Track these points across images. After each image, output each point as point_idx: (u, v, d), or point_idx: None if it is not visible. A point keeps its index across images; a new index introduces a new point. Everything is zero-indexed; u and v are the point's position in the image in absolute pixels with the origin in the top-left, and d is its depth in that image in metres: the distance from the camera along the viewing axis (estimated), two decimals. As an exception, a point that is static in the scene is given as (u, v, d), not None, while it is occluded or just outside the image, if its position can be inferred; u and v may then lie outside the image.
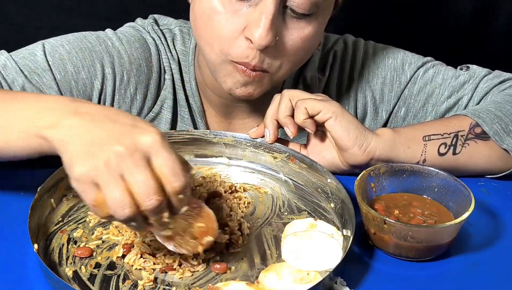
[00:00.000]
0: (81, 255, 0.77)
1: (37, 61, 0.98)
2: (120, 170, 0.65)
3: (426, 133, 0.93)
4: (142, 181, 0.65)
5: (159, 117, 1.08)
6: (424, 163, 0.91)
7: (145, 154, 0.66)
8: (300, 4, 0.89)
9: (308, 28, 0.92)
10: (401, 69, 1.12)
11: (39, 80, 0.97)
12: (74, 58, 1.00)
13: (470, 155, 0.94)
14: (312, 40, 0.95)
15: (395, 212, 0.82)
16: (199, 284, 0.74)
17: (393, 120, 1.15)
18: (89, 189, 0.66)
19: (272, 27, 0.88)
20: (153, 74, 1.06)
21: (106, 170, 0.65)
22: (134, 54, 1.04)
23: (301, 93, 0.93)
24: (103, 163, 0.65)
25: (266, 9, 0.87)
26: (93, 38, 1.03)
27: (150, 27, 1.08)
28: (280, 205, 0.89)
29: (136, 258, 0.76)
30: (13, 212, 0.83)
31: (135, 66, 1.04)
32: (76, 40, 1.02)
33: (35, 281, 0.73)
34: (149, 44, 1.07)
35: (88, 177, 0.65)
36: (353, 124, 0.90)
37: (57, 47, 1.00)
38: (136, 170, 0.65)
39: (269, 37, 0.88)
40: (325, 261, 0.75)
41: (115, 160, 0.65)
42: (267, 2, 0.87)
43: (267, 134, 0.94)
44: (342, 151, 0.92)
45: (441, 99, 1.10)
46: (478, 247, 0.83)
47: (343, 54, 1.14)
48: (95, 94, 1.02)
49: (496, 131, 0.94)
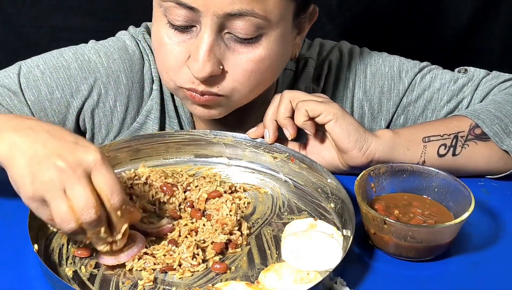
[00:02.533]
0: (80, 255, 0.76)
1: (9, 84, 0.98)
2: (63, 185, 0.68)
3: (426, 134, 0.93)
4: (81, 195, 0.68)
5: (144, 127, 1.07)
6: (423, 164, 0.91)
7: (86, 170, 0.69)
8: (241, 30, 0.87)
9: (258, 50, 0.90)
10: (398, 78, 1.11)
11: (9, 102, 0.98)
12: (48, 79, 1.00)
13: (470, 156, 0.94)
14: (270, 60, 0.92)
15: (395, 212, 0.82)
16: (199, 284, 0.74)
17: (392, 128, 1.13)
18: (41, 207, 0.70)
19: (210, 59, 0.87)
20: (134, 84, 1.05)
21: (50, 186, 0.68)
22: (112, 66, 1.03)
23: (301, 94, 0.93)
24: (47, 179, 0.68)
25: (202, 40, 0.87)
26: (70, 55, 1.02)
27: (141, 36, 1.07)
28: (280, 205, 0.89)
29: (135, 259, 0.76)
30: (13, 212, 0.83)
31: (112, 78, 1.03)
32: (52, 59, 1.01)
33: (35, 281, 0.73)
34: (131, 55, 1.05)
35: (37, 197, 0.69)
36: (353, 126, 0.90)
37: (32, 68, 1.00)
38: (76, 185, 0.68)
39: (208, 68, 0.88)
40: (325, 261, 0.75)
41: (58, 176, 0.68)
42: (204, 33, 0.87)
43: (266, 134, 0.94)
44: (342, 153, 0.92)
45: (440, 104, 1.10)
46: (478, 247, 0.83)
47: (338, 64, 1.12)
48: (71, 112, 1.02)
49: (496, 132, 0.94)
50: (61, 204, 0.68)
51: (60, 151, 0.69)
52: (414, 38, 1.86)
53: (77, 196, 0.68)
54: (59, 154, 0.69)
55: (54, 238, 0.79)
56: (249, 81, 0.92)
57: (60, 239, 0.79)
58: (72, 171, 0.68)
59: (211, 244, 0.78)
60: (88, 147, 0.71)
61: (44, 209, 0.70)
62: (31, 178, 0.69)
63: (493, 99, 1.03)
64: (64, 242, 0.79)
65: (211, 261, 0.77)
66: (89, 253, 0.77)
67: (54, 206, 0.69)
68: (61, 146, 0.70)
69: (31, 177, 0.69)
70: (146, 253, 0.77)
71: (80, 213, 0.68)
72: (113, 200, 0.70)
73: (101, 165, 0.70)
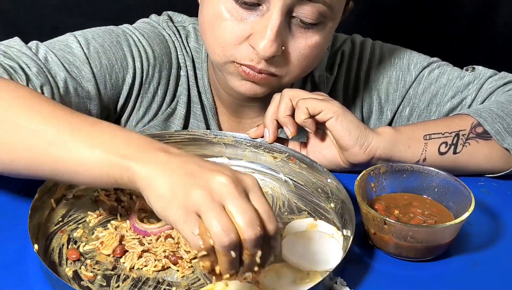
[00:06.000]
0: (70, 257, 0.76)
1: (74, 54, 0.97)
2: (223, 200, 0.62)
3: (427, 132, 0.93)
4: (245, 209, 0.62)
5: (175, 113, 1.10)
6: (424, 162, 0.91)
7: (245, 189, 0.64)
8: (308, 15, 0.90)
9: (315, 37, 0.93)
10: (406, 69, 1.13)
11: (78, 73, 0.97)
12: (108, 51, 1.00)
13: (471, 155, 0.94)
14: (321, 47, 0.96)
15: (395, 212, 0.82)
16: (199, 284, 0.74)
17: (398, 119, 1.15)
18: (192, 218, 0.62)
19: (277, 39, 0.89)
20: (172, 70, 1.08)
21: (210, 198, 0.62)
22: (157, 50, 1.05)
23: (301, 92, 0.93)
24: (207, 190, 0.62)
25: (272, 20, 0.88)
26: (120, 32, 1.04)
27: (165, 24, 1.09)
28: (280, 205, 0.89)
29: (135, 257, 0.76)
30: (13, 212, 0.83)
31: (158, 61, 1.05)
32: (105, 34, 1.02)
33: (35, 281, 0.73)
34: (167, 41, 1.08)
35: (192, 206, 0.62)
36: (354, 123, 0.90)
37: (89, 40, 1.00)
38: (240, 199, 0.62)
39: (274, 48, 0.89)
40: (325, 261, 0.75)
41: (219, 188, 0.62)
42: (273, 14, 0.88)
43: (266, 134, 0.94)
44: (343, 150, 0.92)
45: (444, 99, 1.10)
46: (478, 247, 0.83)
47: (350, 54, 1.15)
48: (125, 88, 1.03)
49: (497, 130, 0.94)
50: (222, 215, 0.61)
51: (219, 169, 0.65)
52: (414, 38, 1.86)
53: (241, 210, 0.62)
54: (219, 171, 0.64)
55: (54, 238, 0.79)
56: (302, 64, 0.95)
57: (60, 239, 0.79)
58: (233, 186, 0.63)
59: None
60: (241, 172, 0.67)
61: (194, 221, 0.62)
62: (188, 189, 0.62)
63: (495, 100, 1.03)
64: (64, 242, 0.79)
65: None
66: (77, 257, 0.76)
67: (212, 216, 0.61)
68: (213, 166, 0.66)
69: (187, 188, 0.62)
70: (145, 251, 0.77)
71: (245, 228, 0.61)
72: (269, 227, 0.64)
73: (259, 189, 0.65)
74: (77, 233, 0.80)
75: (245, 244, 0.62)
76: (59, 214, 0.83)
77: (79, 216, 0.84)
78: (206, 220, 0.61)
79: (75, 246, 0.78)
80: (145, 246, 0.78)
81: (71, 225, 0.82)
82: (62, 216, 0.83)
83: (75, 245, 0.78)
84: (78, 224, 0.82)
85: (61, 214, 0.83)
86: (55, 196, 0.84)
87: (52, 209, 0.83)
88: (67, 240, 0.79)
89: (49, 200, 0.83)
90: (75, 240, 0.79)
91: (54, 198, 0.84)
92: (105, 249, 0.77)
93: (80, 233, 0.80)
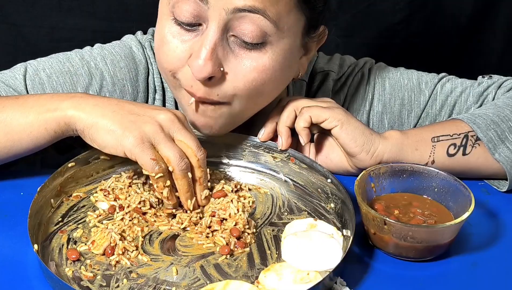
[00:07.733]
0: (71, 258, 0.76)
1: (15, 84, 0.96)
2: (171, 132, 0.81)
3: (434, 134, 0.92)
4: (192, 137, 0.83)
5: None
6: (433, 165, 0.90)
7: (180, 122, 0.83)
8: (248, 32, 0.83)
9: (262, 59, 0.85)
10: (418, 89, 1.10)
11: None
12: (54, 82, 0.98)
13: (480, 156, 0.93)
14: (272, 71, 0.87)
15: (395, 212, 0.82)
16: (199, 284, 0.74)
17: None
18: (146, 147, 0.79)
19: (211, 57, 0.83)
20: (139, 94, 1.04)
21: (161, 131, 0.80)
22: (118, 75, 1.02)
23: (306, 101, 0.93)
24: (156, 126, 0.80)
25: (207, 37, 0.83)
26: (76, 61, 1.01)
27: (148, 43, 1.06)
28: (280, 205, 0.89)
29: (125, 217, 0.80)
30: (13, 212, 0.83)
31: (118, 87, 1.02)
32: (58, 64, 1.00)
33: (35, 281, 0.73)
34: (137, 64, 1.04)
35: (146, 138, 0.79)
36: (359, 130, 0.90)
37: (38, 71, 0.98)
38: (184, 130, 0.82)
39: (208, 68, 0.83)
40: (325, 261, 0.75)
41: (165, 123, 0.81)
42: (210, 31, 0.83)
43: (279, 141, 0.93)
44: (350, 157, 0.92)
45: (465, 107, 1.07)
46: (478, 247, 0.83)
47: (357, 78, 1.11)
48: None
49: (490, 138, 0.92)
50: (173, 145, 0.80)
51: (155, 107, 0.84)
52: (414, 38, 1.86)
53: (189, 137, 0.82)
54: (157, 108, 0.83)
55: (54, 238, 0.79)
56: (249, 89, 0.87)
57: (60, 239, 0.79)
58: (176, 120, 0.82)
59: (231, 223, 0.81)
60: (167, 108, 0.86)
61: (150, 150, 0.79)
62: (138, 124, 0.79)
63: (493, 102, 1.01)
64: (64, 242, 0.79)
65: (219, 242, 0.79)
66: (77, 257, 0.76)
67: (168, 146, 0.80)
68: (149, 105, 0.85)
69: (137, 123, 0.79)
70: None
71: (196, 150, 0.82)
72: (200, 156, 0.83)
73: (185, 120, 0.85)
74: (77, 233, 0.80)
75: (199, 163, 0.82)
76: (59, 214, 0.83)
77: (79, 216, 0.84)
78: (162, 150, 0.80)
79: (75, 246, 0.78)
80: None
81: (71, 225, 0.82)
82: (62, 216, 0.83)
83: (75, 245, 0.78)
84: (78, 224, 0.82)
85: (61, 214, 0.83)
86: (55, 196, 0.84)
87: (52, 209, 0.83)
88: (67, 240, 0.79)
89: (49, 200, 0.83)
90: (75, 240, 0.79)
91: (54, 198, 0.84)
92: (96, 249, 0.77)
93: (80, 233, 0.80)
